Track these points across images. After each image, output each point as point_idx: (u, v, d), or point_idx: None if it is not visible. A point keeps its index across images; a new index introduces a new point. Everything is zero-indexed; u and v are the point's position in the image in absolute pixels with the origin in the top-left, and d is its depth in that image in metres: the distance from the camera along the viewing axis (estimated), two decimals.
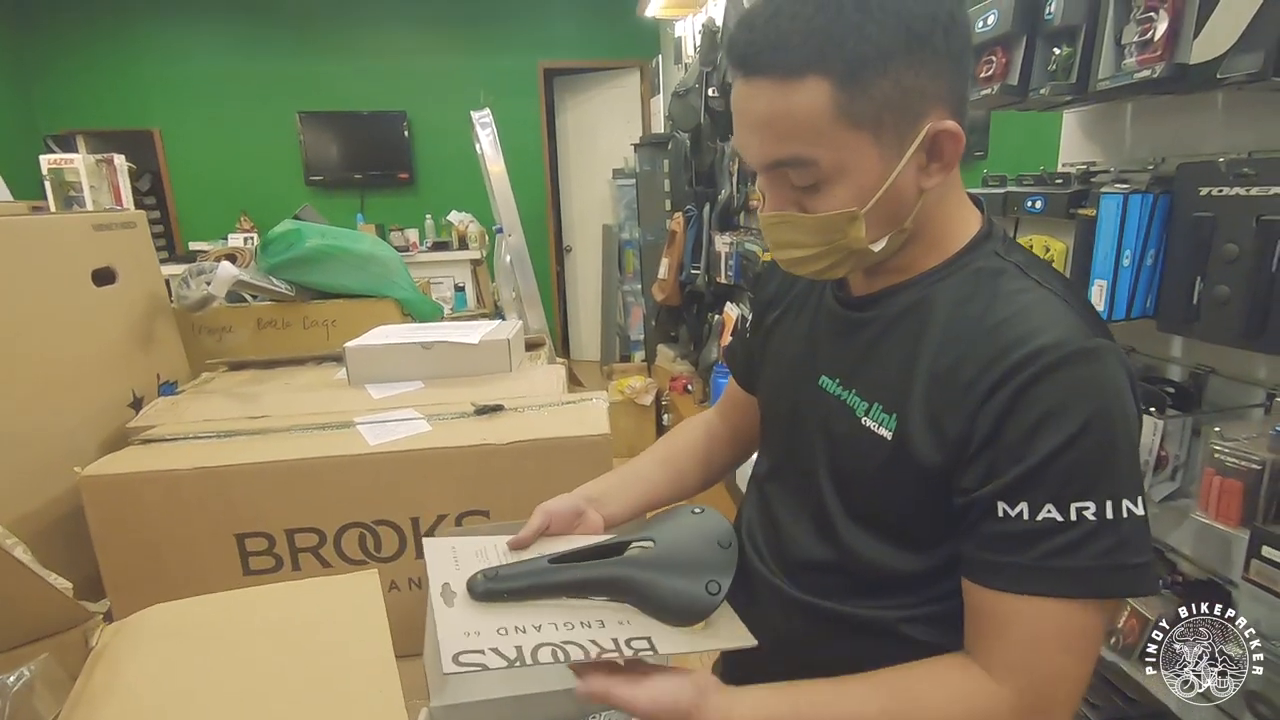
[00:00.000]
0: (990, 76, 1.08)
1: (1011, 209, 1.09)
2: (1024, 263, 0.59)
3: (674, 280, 3.39)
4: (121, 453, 0.96)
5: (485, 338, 1.24)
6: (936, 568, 0.60)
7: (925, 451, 0.56)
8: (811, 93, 0.52)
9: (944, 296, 0.59)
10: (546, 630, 0.56)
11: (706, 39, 2.87)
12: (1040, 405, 0.51)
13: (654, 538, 0.65)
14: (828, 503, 0.65)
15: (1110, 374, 0.52)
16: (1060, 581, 0.52)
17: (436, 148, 4.91)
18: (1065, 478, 0.51)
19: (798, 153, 0.54)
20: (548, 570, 0.62)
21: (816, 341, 0.69)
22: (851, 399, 0.63)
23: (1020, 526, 0.53)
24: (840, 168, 0.55)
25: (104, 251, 1.19)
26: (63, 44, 4.52)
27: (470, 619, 0.57)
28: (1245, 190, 0.77)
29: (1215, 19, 0.74)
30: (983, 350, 0.54)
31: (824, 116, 0.53)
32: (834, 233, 0.57)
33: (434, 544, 0.66)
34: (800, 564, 0.69)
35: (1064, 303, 0.55)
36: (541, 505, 0.71)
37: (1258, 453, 0.78)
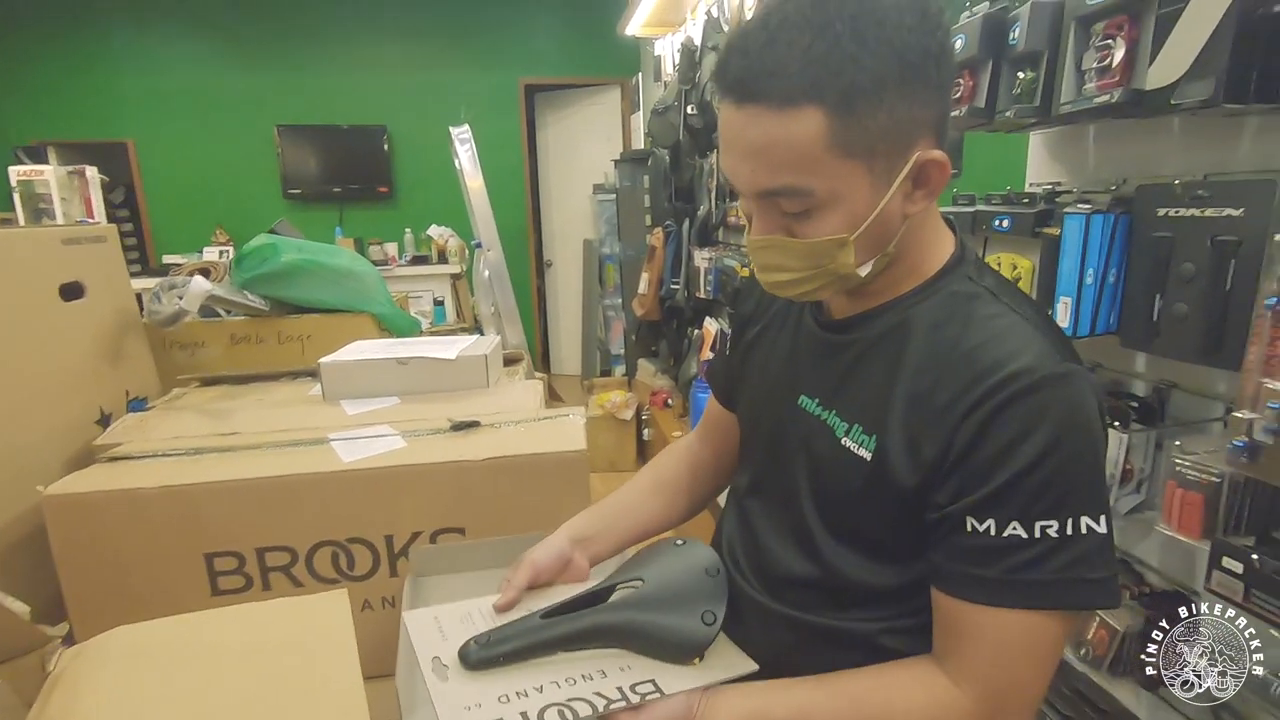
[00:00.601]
0: (959, 99, 1.11)
1: (980, 227, 1.11)
2: (995, 287, 0.61)
3: (654, 295, 3.40)
4: (86, 471, 0.94)
5: (462, 353, 1.24)
6: (913, 582, 0.61)
7: (903, 472, 0.58)
8: (806, 122, 0.52)
9: (921, 320, 0.61)
10: (549, 690, 0.56)
11: (685, 58, 2.91)
12: (1012, 427, 0.53)
13: (642, 577, 0.65)
14: (809, 521, 0.66)
15: (1079, 398, 0.54)
16: (1023, 594, 0.54)
17: (416, 162, 4.91)
18: (1032, 497, 0.53)
19: (790, 183, 0.55)
20: (540, 627, 0.62)
21: (797, 362, 0.70)
22: (832, 419, 0.64)
23: (987, 541, 0.54)
24: (833, 196, 0.55)
25: (73, 266, 1.17)
26: (34, 54, 4.46)
27: (468, 691, 0.55)
28: (1200, 211, 0.80)
29: (1168, 48, 0.77)
30: (959, 374, 0.56)
31: (818, 146, 0.53)
32: (823, 258, 0.58)
33: (415, 616, 0.65)
34: (781, 580, 0.69)
35: (1034, 328, 0.57)
36: (526, 557, 0.70)
37: (1217, 466, 0.80)
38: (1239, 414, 0.72)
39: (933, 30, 0.54)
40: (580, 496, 0.99)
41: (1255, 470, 0.72)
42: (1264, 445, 0.70)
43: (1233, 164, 0.87)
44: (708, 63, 2.79)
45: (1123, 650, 0.97)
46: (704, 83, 2.78)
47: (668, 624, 0.61)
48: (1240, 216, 0.76)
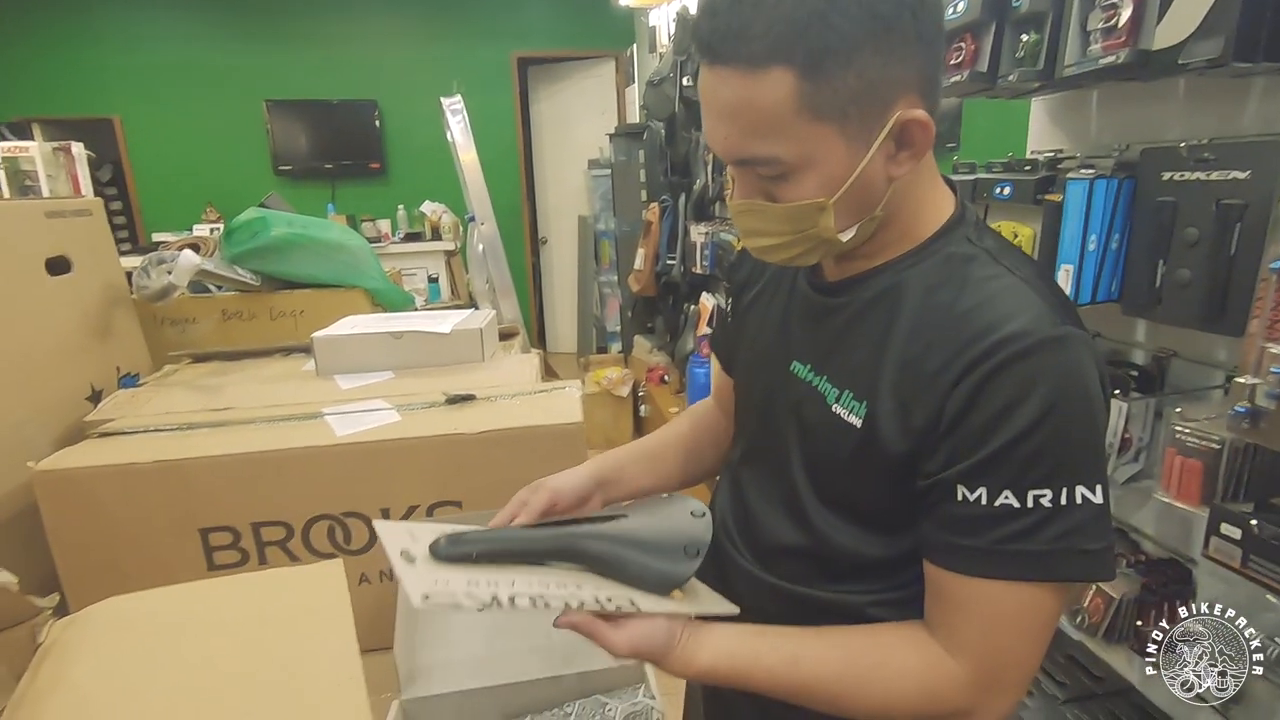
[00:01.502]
0: (960, 63, 1.08)
1: (981, 195, 1.10)
2: (995, 249, 0.59)
3: (650, 271, 3.38)
4: (77, 446, 0.93)
5: (457, 327, 1.22)
6: (905, 553, 0.60)
7: (894, 439, 0.56)
8: (775, 85, 0.50)
9: (915, 283, 0.59)
10: (521, 584, 0.53)
11: (680, 28, 2.86)
12: (1005, 393, 0.51)
13: (626, 513, 0.64)
14: (799, 488, 0.65)
15: (1076, 363, 0.52)
16: (1015, 565, 0.52)
17: (408, 137, 4.84)
18: (1025, 465, 0.51)
19: (761, 151, 0.53)
20: (516, 537, 0.60)
21: (789, 327, 0.69)
22: (823, 385, 0.63)
23: (978, 510, 0.53)
24: (806, 160, 0.53)
25: (58, 240, 1.15)
26: (17, 29, 4.36)
27: (435, 573, 0.53)
28: (1205, 175, 0.79)
29: (1177, 5, 0.75)
30: (951, 338, 0.54)
31: (788, 109, 0.51)
32: (803, 222, 0.56)
33: (386, 525, 0.62)
34: (772, 549, 0.69)
35: (1033, 290, 0.55)
36: (547, 483, 0.68)
37: (1217, 433, 0.80)
38: (1241, 379, 0.72)
39: None
40: None
41: (1257, 436, 0.72)
42: (1266, 410, 0.70)
43: (1238, 127, 0.86)
44: None
45: (1118, 617, 0.97)
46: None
47: (647, 554, 0.59)
48: (1246, 179, 0.75)
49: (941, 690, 0.56)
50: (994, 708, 0.56)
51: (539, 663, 0.84)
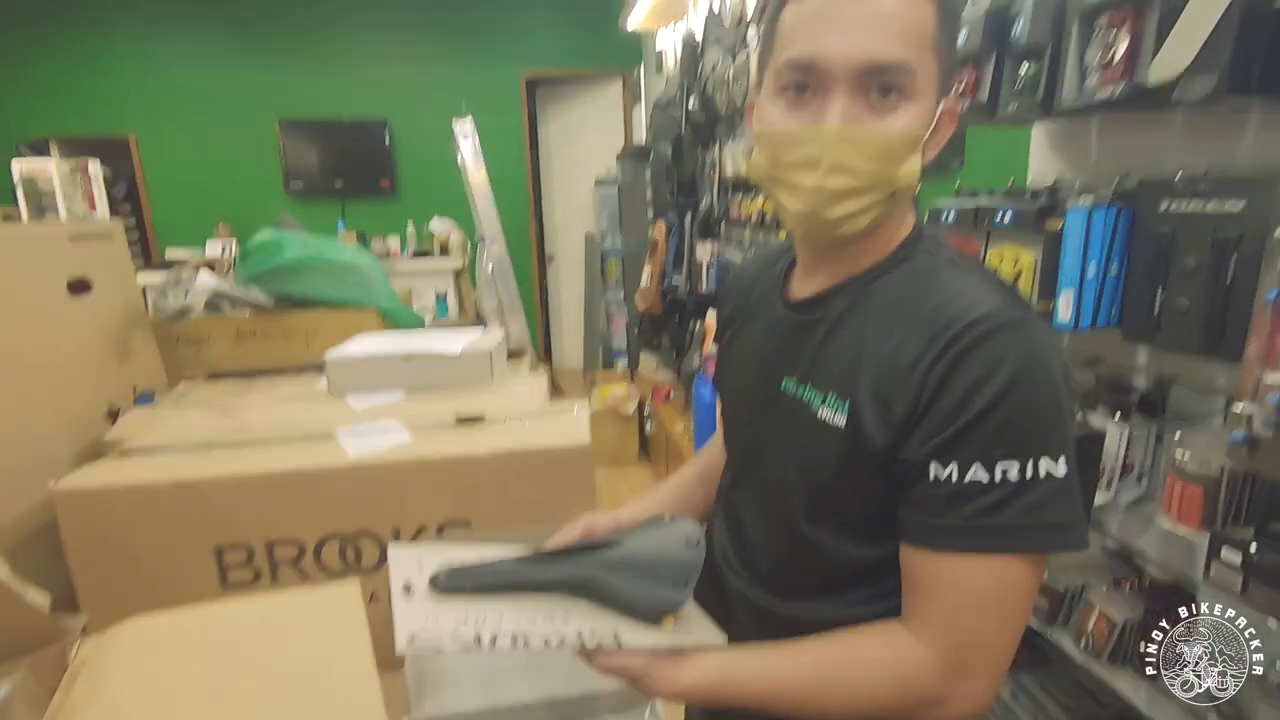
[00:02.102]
0: (961, 92, 1.11)
1: (983, 222, 1.12)
2: (953, 258, 0.64)
3: (656, 289, 3.40)
4: (97, 465, 0.95)
5: (467, 348, 1.24)
6: (894, 558, 0.62)
7: (876, 434, 0.59)
8: (925, 9, 0.57)
9: (884, 291, 0.63)
10: (508, 621, 0.56)
11: (687, 51, 2.91)
12: (974, 371, 0.55)
13: (622, 541, 0.66)
14: (790, 499, 0.67)
15: (1037, 343, 0.56)
16: (984, 539, 0.55)
17: (418, 155, 4.90)
18: (992, 437, 0.54)
19: (905, 56, 0.56)
20: (512, 568, 0.63)
21: (772, 348, 0.71)
22: (808, 394, 0.66)
23: (950, 489, 0.55)
24: (922, 88, 0.57)
25: (80, 262, 1.18)
26: (37, 50, 4.46)
27: (428, 610, 0.57)
28: (1202, 206, 0.80)
29: (1171, 42, 0.77)
30: (922, 331, 0.57)
31: (928, 33, 0.57)
32: (890, 160, 0.58)
33: (399, 550, 0.66)
34: (766, 565, 0.71)
35: (991, 287, 0.59)
36: (583, 519, 0.72)
37: (1217, 459, 0.81)
38: (1239, 407, 0.73)
39: None
40: (585, 490, 1.00)
41: (1255, 462, 0.73)
42: (1264, 438, 0.71)
43: (1234, 159, 0.87)
44: (709, 56, 2.79)
45: (1122, 641, 0.98)
46: (706, 76, 2.77)
47: (635, 583, 0.61)
48: (1241, 211, 0.76)
49: (912, 677, 0.57)
50: (966, 692, 0.57)
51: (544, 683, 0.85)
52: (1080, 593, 1.06)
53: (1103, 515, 1.07)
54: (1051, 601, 1.08)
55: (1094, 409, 1.02)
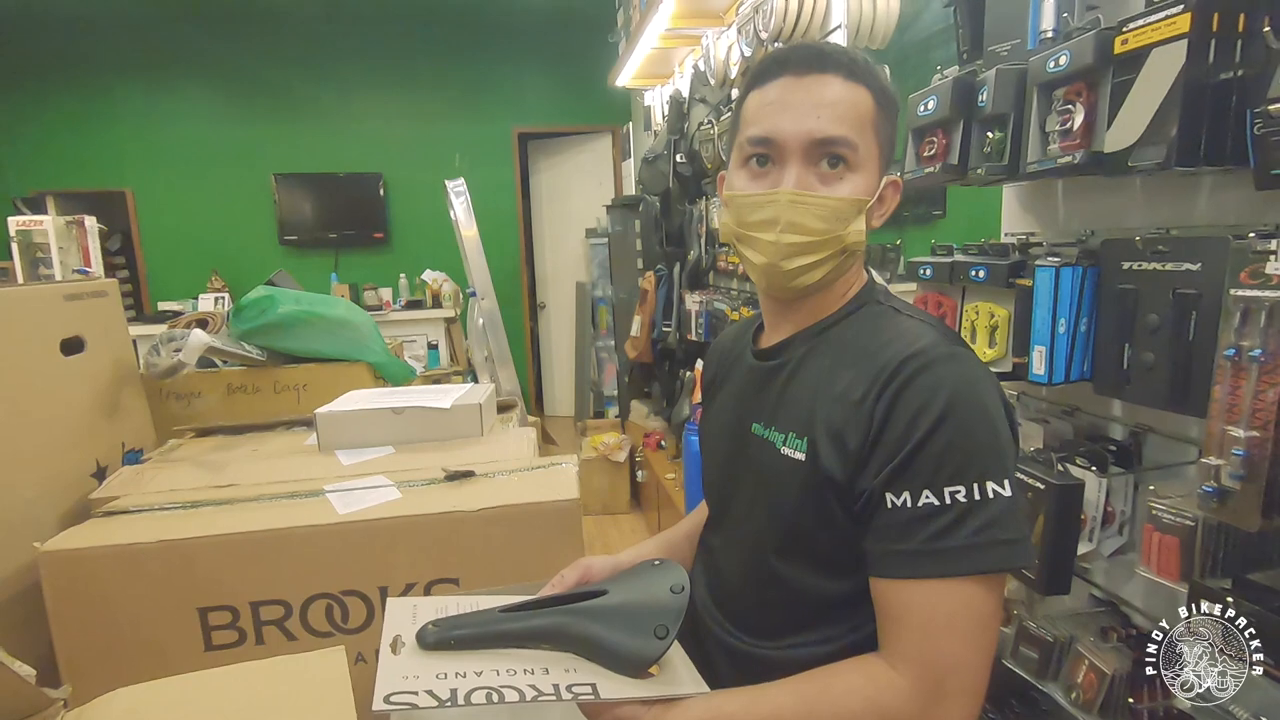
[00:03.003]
0: (933, 155, 1.16)
1: (958, 277, 1.16)
2: (900, 306, 0.71)
3: (646, 337, 3.44)
4: (83, 526, 0.95)
5: (457, 402, 1.26)
6: (861, 591, 0.65)
7: (833, 465, 0.63)
8: (864, 96, 0.67)
9: (838, 336, 0.70)
10: (487, 675, 0.57)
11: (674, 109, 3.01)
12: (914, 401, 0.60)
13: (609, 588, 0.68)
14: (760, 534, 0.71)
15: (969, 372, 0.61)
16: (941, 562, 0.58)
17: (412, 208, 4.99)
18: (937, 462, 0.58)
19: (848, 134, 0.66)
20: (497, 620, 0.64)
21: (744, 396, 0.77)
22: (772, 435, 0.71)
23: (905, 515, 0.59)
24: (864, 163, 0.67)
25: (74, 321, 1.19)
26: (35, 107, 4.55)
27: (412, 665, 0.58)
28: (1161, 265, 0.84)
29: (1123, 115, 0.82)
30: (869, 369, 0.64)
31: (867, 117, 0.67)
32: (838, 220, 0.67)
33: (396, 603, 0.68)
34: (741, 606, 0.74)
35: (930, 327, 0.66)
36: (582, 561, 0.77)
37: (1190, 509, 0.82)
38: (1207, 460, 0.75)
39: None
40: (574, 545, 1.00)
41: (1225, 515, 0.75)
42: (1232, 490, 0.73)
43: (1191, 218, 0.92)
44: (695, 114, 2.89)
45: (1112, 693, 0.97)
46: (692, 133, 2.86)
47: (617, 634, 0.62)
48: (1198, 270, 0.80)
49: (887, 703, 0.59)
50: (944, 715, 0.58)
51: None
52: (1069, 644, 1.06)
53: (1087, 565, 1.08)
54: (1041, 653, 1.08)
55: (1073, 459, 1.04)
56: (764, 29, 1.95)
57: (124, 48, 4.57)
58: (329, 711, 0.52)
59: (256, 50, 4.74)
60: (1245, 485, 0.72)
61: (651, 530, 3.35)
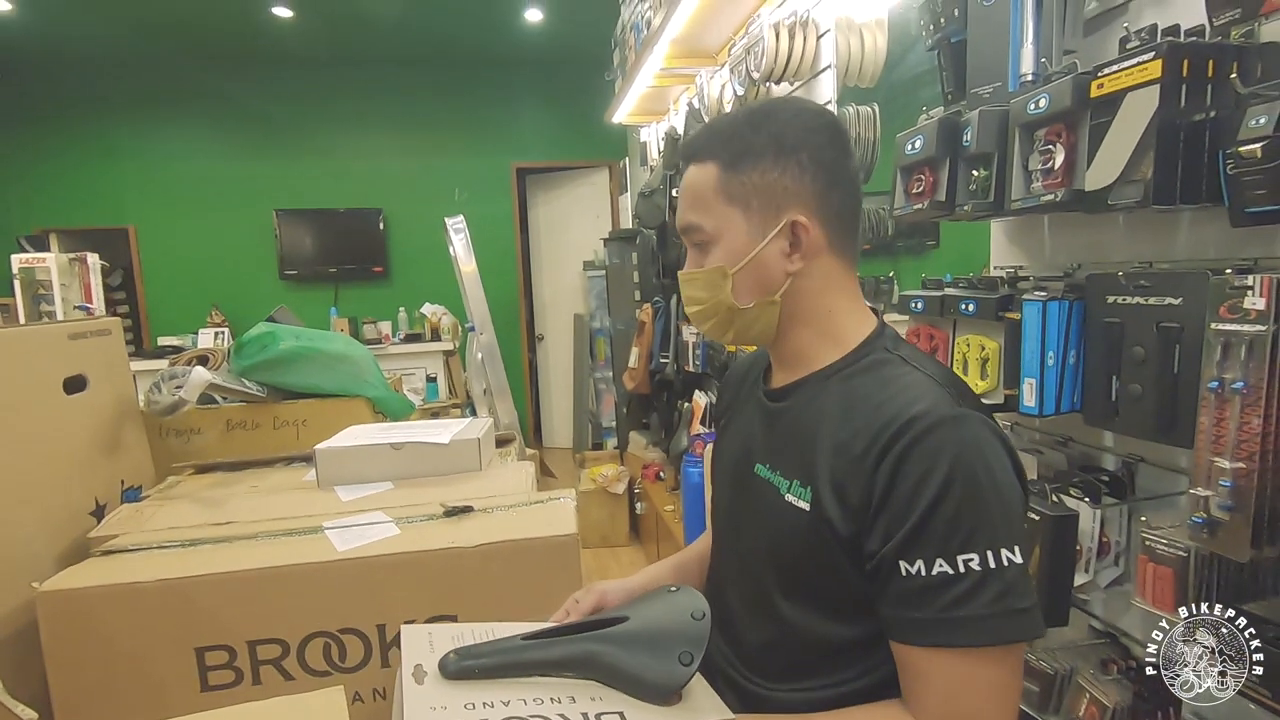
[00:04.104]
0: (921, 192, 1.19)
1: (949, 310, 1.18)
2: (907, 355, 0.70)
3: (644, 369, 3.46)
4: (81, 566, 0.95)
5: (456, 437, 1.26)
6: (870, 635, 0.65)
7: (836, 519, 0.63)
8: (708, 171, 0.72)
9: (843, 384, 0.70)
10: (515, 705, 0.57)
11: (669, 145, 3.07)
12: (918, 466, 0.59)
13: (629, 614, 0.68)
14: (766, 580, 0.71)
15: (972, 435, 0.60)
16: (960, 631, 0.58)
17: (411, 242, 5.05)
18: (947, 530, 0.58)
19: (693, 219, 0.73)
20: (520, 648, 0.64)
21: (752, 435, 0.78)
22: (777, 479, 0.71)
23: (920, 582, 0.59)
24: (718, 233, 0.72)
25: (77, 360, 1.21)
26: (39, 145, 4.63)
27: (438, 695, 0.58)
28: (1144, 299, 0.86)
29: (1101, 155, 0.85)
30: (870, 425, 0.63)
31: (710, 189, 0.71)
32: (713, 288, 0.72)
33: (411, 630, 0.68)
34: (749, 646, 0.74)
35: (936, 382, 0.65)
36: (597, 586, 0.78)
37: (1183, 540, 0.83)
38: (1195, 491, 0.76)
39: (811, 130, 0.71)
40: (572, 579, 1.00)
41: (1215, 545, 0.75)
42: (1221, 521, 0.74)
43: (1173, 253, 0.94)
44: None
45: None
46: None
47: (642, 662, 0.62)
48: (1179, 304, 0.82)
49: None
50: None
51: None
52: (1069, 676, 1.06)
53: (1085, 596, 1.08)
54: (1042, 686, 1.08)
55: (1066, 490, 1.04)
56: (755, 69, 2.00)
57: (127, 87, 4.67)
58: None
59: (258, 88, 4.84)
60: (1234, 515, 0.73)
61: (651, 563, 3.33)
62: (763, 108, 0.74)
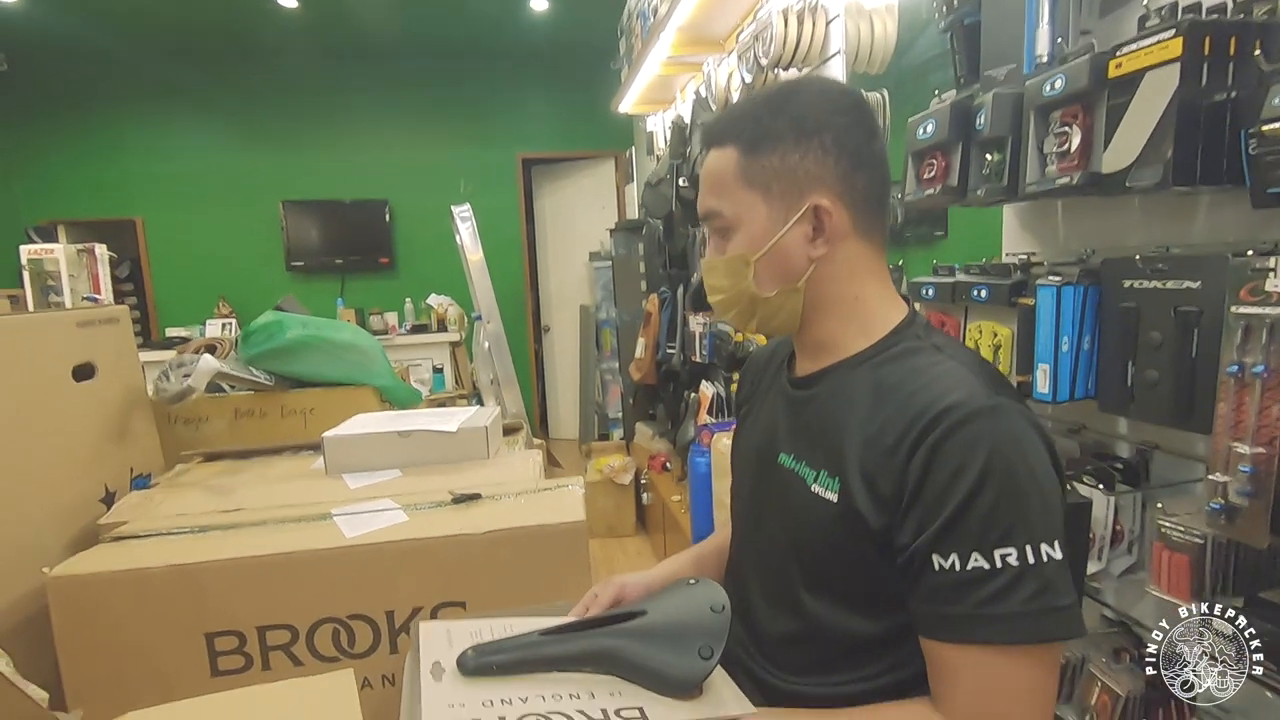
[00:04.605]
0: (933, 178, 1.17)
1: (960, 297, 1.16)
2: (939, 343, 0.68)
3: (650, 359, 3.45)
4: (91, 551, 0.95)
5: (463, 425, 1.26)
6: (894, 630, 0.64)
7: (867, 511, 0.62)
8: (727, 155, 0.71)
9: (872, 373, 0.68)
10: (533, 702, 0.57)
11: (676, 134, 3.05)
12: (953, 459, 0.58)
13: (647, 608, 0.67)
14: (788, 571, 0.70)
15: (1009, 427, 0.58)
16: (996, 629, 0.56)
17: (417, 233, 5.05)
18: (984, 525, 0.56)
19: (713, 205, 0.72)
20: (538, 643, 0.64)
21: (775, 423, 0.76)
22: (803, 470, 0.69)
23: (954, 577, 0.57)
24: (738, 219, 0.70)
25: (85, 347, 1.21)
26: (49, 137, 4.64)
27: (456, 692, 0.58)
28: (1161, 283, 0.85)
29: (1119, 136, 0.83)
30: (902, 415, 0.61)
31: (730, 173, 0.70)
32: (735, 276, 0.71)
33: (428, 627, 0.68)
34: (771, 640, 0.72)
35: (970, 371, 0.63)
36: (616, 579, 0.78)
37: (1199, 527, 0.82)
38: (1213, 477, 0.75)
39: (833, 112, 0.69)
40: (580, 567, 1.00)
41: (1233, 532, 0.74)
42: (1239, 507, 0.73)
43: (1190, 237, 0.93)
44: (697, 139, 2.93)
45: (1126, 715, 0.96)
46: (694, 157, 2.90)
47: (661, 656, 0.61)
48: (1198, 288, 0.81)
49: None
50: None
51: None
52: (1081, 665, 1.05)
53: (1098, 584, 1.07)
54: None
55: (1080, 478, 1.03)
56: (764, 55, 1.98)
57: (134, 80, 4.67)
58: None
59: (264, 80, 4.83)
60: (1253, 502, 0.72)
61: (658, 553, 3.33)
62: (785, 88, 0.72)
